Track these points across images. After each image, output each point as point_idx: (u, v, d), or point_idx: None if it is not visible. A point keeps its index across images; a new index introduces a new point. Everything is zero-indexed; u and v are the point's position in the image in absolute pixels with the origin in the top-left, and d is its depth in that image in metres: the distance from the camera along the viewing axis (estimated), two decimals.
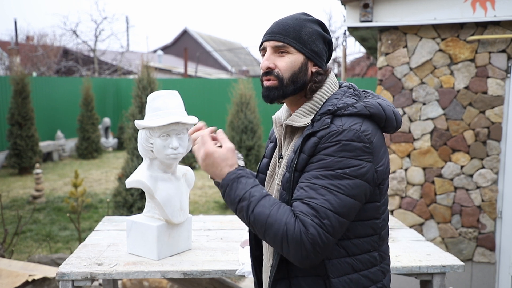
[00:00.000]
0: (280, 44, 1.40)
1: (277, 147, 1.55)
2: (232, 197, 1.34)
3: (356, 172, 1.29)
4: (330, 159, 1.29)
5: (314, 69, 1.43)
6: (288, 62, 1.40)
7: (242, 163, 1.43)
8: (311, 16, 1.46)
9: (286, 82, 1.41)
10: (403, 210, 3.97)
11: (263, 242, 1.59)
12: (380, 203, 1.41)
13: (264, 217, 1.28)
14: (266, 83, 1.43)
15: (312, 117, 1.40)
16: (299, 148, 1.36)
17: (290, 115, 1.52)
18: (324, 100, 1.42)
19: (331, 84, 1.45)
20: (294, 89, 1.42)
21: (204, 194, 8.50)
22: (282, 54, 1.41)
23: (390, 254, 1.56)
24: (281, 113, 1.57)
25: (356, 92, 1.44)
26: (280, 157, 1.52)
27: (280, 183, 1.45)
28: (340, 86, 1.49)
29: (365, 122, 1.33)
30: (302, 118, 1.42)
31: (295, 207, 1.29)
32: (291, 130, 1.49)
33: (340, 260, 1.37)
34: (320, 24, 1.46)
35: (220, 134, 1.43)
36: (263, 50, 1.46)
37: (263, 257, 1.61)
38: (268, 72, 1.42)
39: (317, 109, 1.41)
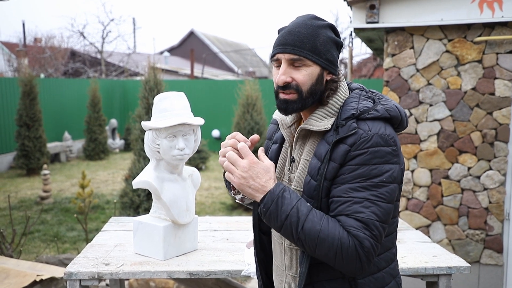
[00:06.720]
0: (296, 57, 1.35)
1: (287, 149, 1.53)
2: (279, 213, 1.30)
3: (390, 177, 1.31)
4: (364, 168, 1.30)
5: (329, 77, 1.41)
6: (305, 75, 1.37)
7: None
8: (323, 20, 1.41)
9: (306, 95, 1.38)
10: (409, 212, 3.96)
11: (276, 246, 1.57)
12: (399, 202, 1.45)
13: (315, 233, 1.28)
14: (283, 96, 1.39)
15: (331, 120, 1.39)
16: (328, 156, 1.34)
17: (298, 117, 1.51)
18: (341, 104, 1.41)
19: (343, 87, 1.45)
20: (313, 101, 1.40)
21: (211, 195, 8.51)
22: (299, 67, 1.37)
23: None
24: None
25: (370, 95, 1.44)
26: (292, 160, 1.50)
27: (298, 188, 1.44)
28: (349, 87, 1.48)
29: (386, 126, 1.35)
30: (320, 121, 1.40)
31: (343, 222, 1.29)
32: (304, 134, 1.46)
33: None
34: (332, 28, 1.42)
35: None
36: (276, 61, 1.40)
37: (275, 261, 1.60)
38: (286, 86, 1.38)
39: (335, 113, 1.40)
